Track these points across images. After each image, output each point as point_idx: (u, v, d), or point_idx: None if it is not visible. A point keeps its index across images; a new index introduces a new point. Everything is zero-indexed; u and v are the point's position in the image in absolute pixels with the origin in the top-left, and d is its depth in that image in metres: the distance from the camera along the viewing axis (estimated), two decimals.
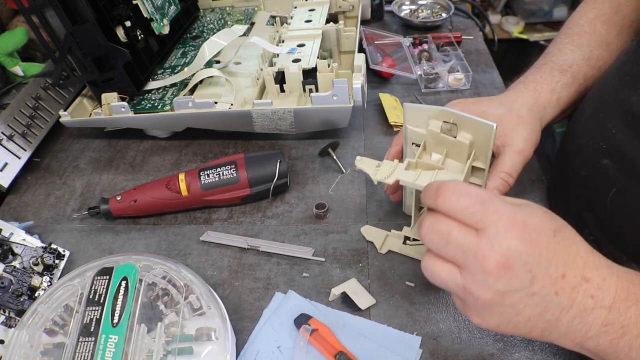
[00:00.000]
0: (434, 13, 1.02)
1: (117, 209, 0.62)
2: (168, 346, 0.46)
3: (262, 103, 0.68)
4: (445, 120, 0.49)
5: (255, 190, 0.63)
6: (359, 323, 0.51)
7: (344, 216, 0.62)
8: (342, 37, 0.80)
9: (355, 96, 0.67)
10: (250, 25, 0.91)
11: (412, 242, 0.58)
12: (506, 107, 0.57)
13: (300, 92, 0.72)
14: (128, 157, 0.74)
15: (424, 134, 0.51)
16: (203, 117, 0.70)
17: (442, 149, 0.51)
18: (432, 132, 0.50)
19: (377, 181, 0.50)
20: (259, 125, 0.70)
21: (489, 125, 0.45)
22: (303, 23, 0.81)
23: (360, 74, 0.67)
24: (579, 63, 0.61)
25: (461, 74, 0.82)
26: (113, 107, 0.70)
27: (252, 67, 0.79)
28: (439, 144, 0.51)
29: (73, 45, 0.66)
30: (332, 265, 0.57)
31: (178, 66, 0.80)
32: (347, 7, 0.87)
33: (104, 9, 0.68)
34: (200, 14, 0.95)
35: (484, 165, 0.50)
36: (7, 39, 0.78)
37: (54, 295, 0.50)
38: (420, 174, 0.49)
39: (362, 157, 0.51)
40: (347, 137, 0.74)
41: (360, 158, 0.51)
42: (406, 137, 0.53)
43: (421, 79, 0.82)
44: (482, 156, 0.50)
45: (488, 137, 0.47)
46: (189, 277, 0.51)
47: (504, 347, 0.49)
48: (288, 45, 0.76)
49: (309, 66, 0.71)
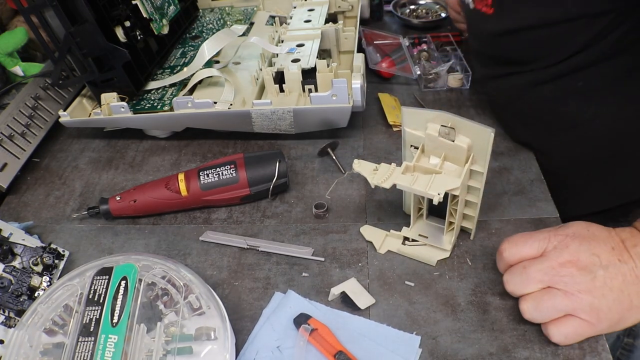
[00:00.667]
0: (433, 13, 1.03)
1: (116, 209, 0.62)
2: (168, 346, 0.46)
3: (261, 103, 0.68)
4: (443, 124, 0.49)
5: (255, 190, 0.63)
6: (358, 323, 0.51)
7: (343, 216, 0.62)
8: (341, 37, 0.80)
9: (354, 96, 0.67)
10: (249, 25, 0.91)
11: (411, 243, 0.58)
12: None
13: (300, 92, 0.72)
14: (127, 157, 0.74)
15: (422, 136, 0.52)
16: (202, 117, 0.70)
17: (440, 152, 0.51)
18: (430, 136, 0.51)
19: (374, 185, 0.50)
20: (258, 125, 0.70)
21: (487, 129, 0.47)
22: (302, 23, 0.81)
23: (360, 74, 0.67)
24: None
25: (460, 74, 0.82)
26: (112, 107, 0.70)
27: (252, 67, 0.79)
28: (438, 147, 0.51)
29: (72, 45, 0.66)
30: (331, 265, 0.57)
31: (177, 66, 0.80)
32: (346, 7, 0.87)
33: (104, 9, 0.68)
34: (199, 14, 0.95)
35: (482, 169, 0.50)
36: (7, 39, 0.78)
37: (54, 295, 0.50)
38: (417, 178, 0.49)
39: (360, 160, 0.52)
40: (347, 137, 0.74)
41: (358, 161, 0.52)
42: (405, 140, 0.53)
43: (420, 79, 0.83)
44: (480, 160, 0.50)
45: (486, 142, 0.48)
46: (188, 277, 0.51)
47: (504, 347, 0.49)
48: (287, 45, 0.76)
49: (308, 66, 0.71)
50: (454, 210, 0.55)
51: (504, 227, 0.60)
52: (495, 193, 0.64)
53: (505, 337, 0.50)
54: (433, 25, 1.00)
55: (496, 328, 0.50)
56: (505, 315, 0.51)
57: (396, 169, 0.50)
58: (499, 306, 0.52)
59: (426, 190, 0.48)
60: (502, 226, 0.60)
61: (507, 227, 0.60)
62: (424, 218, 0.59)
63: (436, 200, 0.48)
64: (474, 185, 0.52)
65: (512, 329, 0.50)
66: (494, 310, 0.52)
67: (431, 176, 0.49)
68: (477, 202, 0.54)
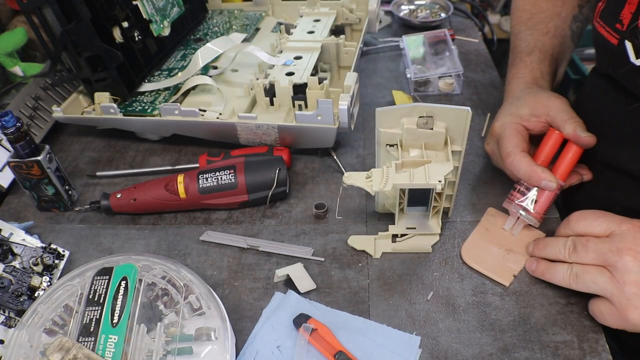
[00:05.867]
0: (433, 13, 1.03)
1: (116, 206, 0.63)
2: (168, 346, 0.46)
3: (246, 116, 0.66)
4: (420, 115, 0.51)
5: (253, 197, 0.62)
6: (358, 323, 0.51)
7: (343, 216, 0.63)
8: (341, 51, 0.77)
9: (341, 117, 0.64)
10: (255, 31, 0.90)
11: (401, 238, 0.58)
12: (520, 99, 0.61)
13: (290, 107, 0.70)
14: (128, 157, 0.74)
15: (399, 133, 0.53)
16: (188, 126, 0.69)
17: (419, 143, 0.53)
18: (408, 130, 0.52)
19: (375, 191, 0.50)
20: (244, 138, 0.69)
21: (465, 109, 0.50)
22: (305, 34, 0.79)
23: (349, 94, 0.64)
24: (540, 39, 0.68)
25: (452, 79, 0.82)
26: (102, 107, 0.70)
27: (248, 75, 0.78)
28: (417, 139, 0.53)
29: (68, 43, 0.66)
30: (331, 265, 0.57)
31: (176, 69, 0.80)
32: (354, 19, 0.85)
33: (101, 9, 0.68)
34: (208, 15, 0.95)
35: (460, 148, 0.53)
36: (7, 39, 0.78)
37: (54, 295, 0.50)
38: (413, 174, 0.50)
39: (349, 173, 0.52)
40: (347, 137, 0.74)
41: (348, 174, 0.52)
42: (379, 141, 0.54)
43: (410, 82, 0.82)
44: (458, 139, 0.53)
45: (464, 121, 0.51)
46: (188, 277, 0.51)
47: (503, 347, 0.49)
48: (285, 57, 0.74)
49: (301, 81, 0.69)
50: (438, 195, 0.56)
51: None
52: (495, 193, 0.64)
53: (505, 337, 0.50)
54: (433, 25, 1.00)
55: (496, 328, 0.50)
56: (505, 315, 0.51)
57: (389, 170, 0.51)
58: (499, 306, 0.52)
59: (427, 182, 0.49)
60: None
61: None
62: (404, 211, 0.59)
63: (439, 187, 0.49)
64: (455, 164, 0.54)
65: (512, 329, 0.50)
66: (494, 310, 0.52)
67: (424, 167, 0.50)
68: (456, 180, 0.56)
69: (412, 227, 0.59)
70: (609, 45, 0.55)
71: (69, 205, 0.65)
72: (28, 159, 0.59)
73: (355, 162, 0.71)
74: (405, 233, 0.58)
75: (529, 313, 0.51)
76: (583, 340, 0.49)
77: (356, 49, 0.76)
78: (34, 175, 0.61)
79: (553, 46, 0.68)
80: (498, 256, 0.56)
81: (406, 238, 0.58)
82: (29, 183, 0.62)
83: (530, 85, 0.64)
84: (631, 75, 0.53)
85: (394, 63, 0.92)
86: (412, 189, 0.55)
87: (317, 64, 0.74)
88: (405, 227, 0.59)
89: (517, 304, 0.52)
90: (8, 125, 0.56)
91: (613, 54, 0.54)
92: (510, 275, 0.54)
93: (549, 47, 0.68)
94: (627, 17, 0.52)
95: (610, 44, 0.54)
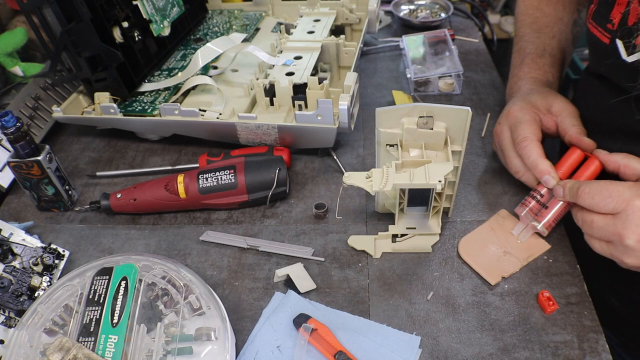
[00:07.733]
0: (433, 13, 1.03)
1: (116, 206, 0.63)
2: (168, 346, 0.46)
3: (246, 116, 0.66)
4: (421, 115, 0.51)
5: (253, 197, 0.62)
6: (358, 323, 0.51)
7: (343, 216, 0.63)
8: (341, 51, 0.77)
9: (341, 117, 0.64)
10: (255, 30, 0.90)
11: (401, 238, 0.58)
12: (539, 93, 0.62)
13: (290, 107, 0.70)
14: (128, 157, 0.74)
15: (399, 133, 0.53)
16: (188, 126, 0.69)
17: (419, 143, 0.53)
18: (408, 130, 0.52)
19: (375, 191, 0.50)
20: (244, 138, 0.69)
21: (465, 109, 0.50)
22: (305, 34, 0.79)
23: (349, 94, 0.64)
24: (549, 43, 0.70)
25: (452, 79, 0.82)
26: (102, 107, 0.70)
27: (249, 75, 0.78)
28: (417, 139, 0.53)
29: (68, 43, 0.66)
30: (331, 265, 0.57)
31: (176, 69, 0.80)
32: (354, 19, 0.85)
33: (101, 9, 0.68)
34: (208, 15, 0.95)
35: (460, 148, 0.53)
36: (7, 39, 0.78)
37: (54, 295, 0.50)
38: (413, 174, 0.50)
39: (349, 173, 0.52)
40: (347, 137, 0.74)
41: (348, 174, 0.52)
42: (379, 141, 0.54)
43: (410, 82, 0.82)
44: (458, 139, 0.53)
45: (464, 121, 0.51)
46: (188, 277, 0.51)
47: (503, 347, 0.49)
48: (285, 57, 0.74)
49: (301, 81, 0.69)
50: (438, 195, 0.56)
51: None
52: (495, 193, 0.64)
53: (505, 337, 0.50)
54: (433, 25, 1.00)
55: (496, 328, 0.50)
56: (505, 315, 0.51)
57: (389, 170, 0.51)
58: (499, 306, 0.52)
59: (427, 182, 0.49)
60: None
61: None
62: (404, 211, 0.59)
63: (439, 187, 0.49)
64: (455, 164, 0.54)
65: (512, 329, 0.50)
66: (494, 310, 0.52)
67: (424, 167, 0.50)
68: (456, 180, 0.56)
69: (412, 227, 0.59)
70: (601, 44, 0.56)
71: (69, 205, 0.65)
72: (28, 159, 0.59)
73: (355, 162, 0.71)
74: (405, 233, 0.59)
75: (529, 313, 0.51)
76: (583, 340, 0.49)
77: (356, 49, 0.76)
78: (34, 175, 0.61)
79: (560, 50, 0.70)
80: (494, 256, 0.56)
81: (406, 238, 0.58)
82: (29, 183, 0.62)
83: (544, 86, 0.66)
84: (622, 71, 0.54)
85: (394, 63, 0.92)
86: (412, 189, 0.55)
87: (317, 64, 0.74)
88: (405, 227, 0.59)
89: (517, 304, 0.52)
90: (8, 125, 0.56)
91: (605, 52, 0.55)
92: (499, 276, 0.54)
93: (557, 51, 0.69)
94: (617, 17, 0.53)
95: (602, 43, 0.56)
